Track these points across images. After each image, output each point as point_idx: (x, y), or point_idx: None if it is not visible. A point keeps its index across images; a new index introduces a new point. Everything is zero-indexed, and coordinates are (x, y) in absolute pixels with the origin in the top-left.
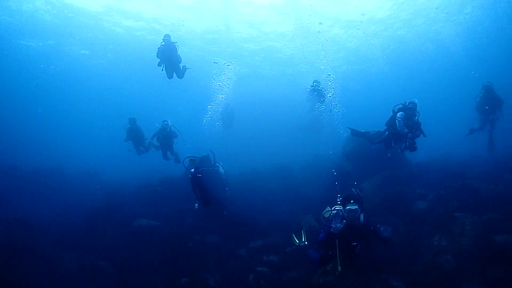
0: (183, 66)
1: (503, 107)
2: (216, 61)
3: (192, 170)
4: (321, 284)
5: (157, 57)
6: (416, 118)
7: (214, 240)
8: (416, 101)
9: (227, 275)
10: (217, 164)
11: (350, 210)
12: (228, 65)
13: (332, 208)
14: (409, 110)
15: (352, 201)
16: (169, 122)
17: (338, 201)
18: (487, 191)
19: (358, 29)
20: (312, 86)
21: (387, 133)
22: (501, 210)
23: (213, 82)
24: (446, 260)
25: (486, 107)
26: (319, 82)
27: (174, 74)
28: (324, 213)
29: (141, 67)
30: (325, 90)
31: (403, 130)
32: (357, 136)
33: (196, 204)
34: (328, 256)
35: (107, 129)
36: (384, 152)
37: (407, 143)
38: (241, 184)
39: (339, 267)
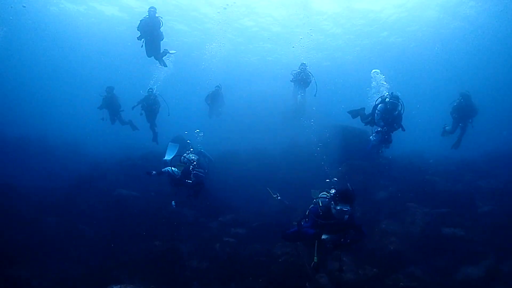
0: (164, 50)
1: (475, 118)
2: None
3: (178, 172)
4: (279, 255)
5: (137, 29)
6: (396, 112)
7: (188, 213)
8: (399, 94)
9: (197, 244)
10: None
11: (342, 211)
12: (225, 8)
13: (320, 195)
14: (390, 105)
15: (346, 201)
16: (154, 90)
17: (331, 191)
18: (444, 187)
19: None
20: (299, 69)
21: (369, 118)
22: (453, 206)
23: None
24: (391, 241)
25: (455, 115)
26: (306, 65)
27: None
28: (316, 198)
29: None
30: (311, 74)
31: (379, 123)
32: (356, 115)
33: (173, 202)
34: (297, 238)
35: (92, 101)
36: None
37: (382, 135)
38: (220, 163)
39: (315, 257)
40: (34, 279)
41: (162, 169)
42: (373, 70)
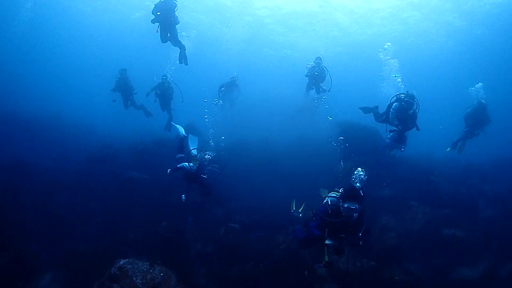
0: (184, 50)
1: (487, 127)
2: None
3: (194, 166)
4: (280, 242)
5: (152, 13)
6: (412, 111)
7: (194, 198)
8: (415, 93)
9: (202, 228)
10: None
11: (350, 209)
12: None
13: (329, 194)
14: (405, 103)
15: (353, 199)
16: (168, 77)
17: (340, 190)
18: (448, 189)
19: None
20: (313, 62)
21: (384, 117)
22: (456, 208)
23: None
24: (390, 237)
25: (469, 122)
26: (321, 59)
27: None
28: (325, 197)
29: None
30: (326, 68)
31: (393, 121)
32: (368, 112)
33: (184, 196)
34: (311, 241)
35: (106, 84)
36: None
37: (396, 135)
38: (227, 151)
39: (326, 257)
40: (43, 252)
41: (177, 165)
42: (386, 44)
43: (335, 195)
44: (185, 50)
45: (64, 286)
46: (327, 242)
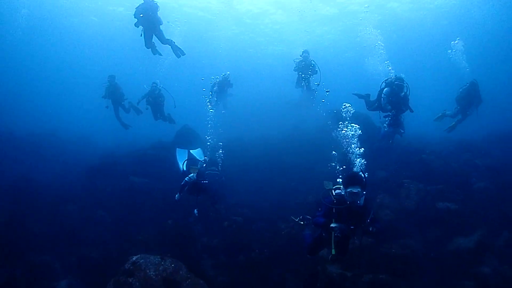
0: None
1: (480, 107)
2: None
3: (193, 175)
4: (282, 228)
5: (134, 16)
6: (403, 94)
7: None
8: (403, 76)
9: (207, 223)
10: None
11: (352, 193)
12: None
13: (334, 187)
14: (396, 87)
15: (355, 182)
16: (158, 84)
17: (340, 180)
18: (439, 166)
19: None
20: (301, 56)
21: (376, 104)
22: (448, 183)
23: None
24: (385, 214)
25: (461, 102)
26: (308, 52)
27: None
28: (328, 189)
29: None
30: (314, 62)
31: (386, 107)
32: (361, 98)
33: (196, 211)
34: (319, 243)
35: (98, 95)
36: (391, 135)
37: (391, 119)
38: (226, 150)
39: (333, 250)
40: (56, 262)
41: (181, 184)
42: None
43: (340, 187)
44: (175, 42)
45: None
46: (332, 225)
